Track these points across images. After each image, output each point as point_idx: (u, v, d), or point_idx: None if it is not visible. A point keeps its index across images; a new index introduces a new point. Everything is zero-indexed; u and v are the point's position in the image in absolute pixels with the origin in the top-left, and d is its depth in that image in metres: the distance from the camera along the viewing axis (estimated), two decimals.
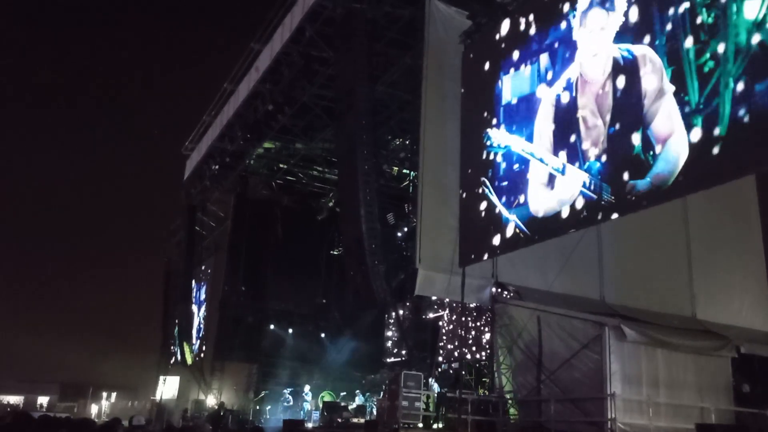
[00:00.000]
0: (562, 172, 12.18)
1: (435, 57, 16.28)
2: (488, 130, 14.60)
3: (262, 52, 21.64)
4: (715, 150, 8.99)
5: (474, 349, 21.23)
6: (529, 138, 13.33)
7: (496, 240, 13.82)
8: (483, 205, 14.41)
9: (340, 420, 17.28)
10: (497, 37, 14.87)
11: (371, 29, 17.41)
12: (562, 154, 12.29)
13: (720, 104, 8.98)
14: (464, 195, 15.18)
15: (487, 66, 15.11)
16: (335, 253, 28.48)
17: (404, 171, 23.52)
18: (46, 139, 70.25)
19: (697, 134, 9.31)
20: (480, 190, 14.57)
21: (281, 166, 27.32)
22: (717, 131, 8.99)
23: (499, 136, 14.32)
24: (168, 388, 34.65)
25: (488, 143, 14.59)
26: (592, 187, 11.28)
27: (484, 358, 17.70)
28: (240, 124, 24.48)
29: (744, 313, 17.39)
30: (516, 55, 14.12)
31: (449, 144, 15.83)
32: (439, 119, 16.01)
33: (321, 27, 18.59)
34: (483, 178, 14.54)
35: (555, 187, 12.38)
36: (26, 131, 70.68)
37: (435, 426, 14.07)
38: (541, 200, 12.71)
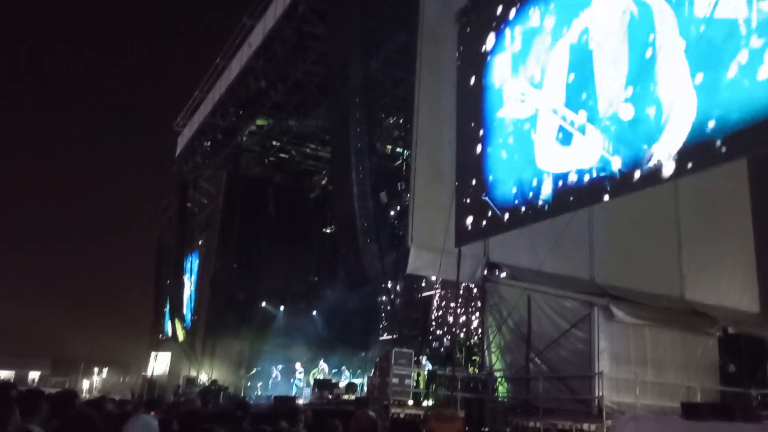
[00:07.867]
0: (582, 131, 11.52)
1: (430, 34, 16.09)
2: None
3: (255, 27, 21.37)
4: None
5: (464, 327, 21.38)
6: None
7: (493, 218, 13.80)
8: (479, 183, 14.37)
9: (331, 396, 17.41)
10: (494, 13, 14.71)
11: (365, 4, 17.21)
12: (582, 111, 11.64)
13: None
14: (460, 173, 15.14)
15: (483, 42, 14.95)
16: (328, 230, 28.46)
17: (398, 149, 23.41)
18: (38, 117, 69.62)
19: None
20: (476, 168, 14.53)
21: (274, 143, 27.12)
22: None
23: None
24: (159, 363, 34.82)
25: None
26: (611, 151, 10.67)
27: (474, 336, 17.82)
28: (232, 101, 24.27)
29: (732, 294, 17.53)
30: (513, 18, 13.95)
31: (443, 122, 15.72)
32: (434, 97, 15.88)
33: (314, 2, 18.36)
34: (480, 155, 14.49)
35: (572, 145, 11.79)
36: (16, 107, 69.89)
37: (425, 403, 14.18)
38: (553, 158, 12.28)
